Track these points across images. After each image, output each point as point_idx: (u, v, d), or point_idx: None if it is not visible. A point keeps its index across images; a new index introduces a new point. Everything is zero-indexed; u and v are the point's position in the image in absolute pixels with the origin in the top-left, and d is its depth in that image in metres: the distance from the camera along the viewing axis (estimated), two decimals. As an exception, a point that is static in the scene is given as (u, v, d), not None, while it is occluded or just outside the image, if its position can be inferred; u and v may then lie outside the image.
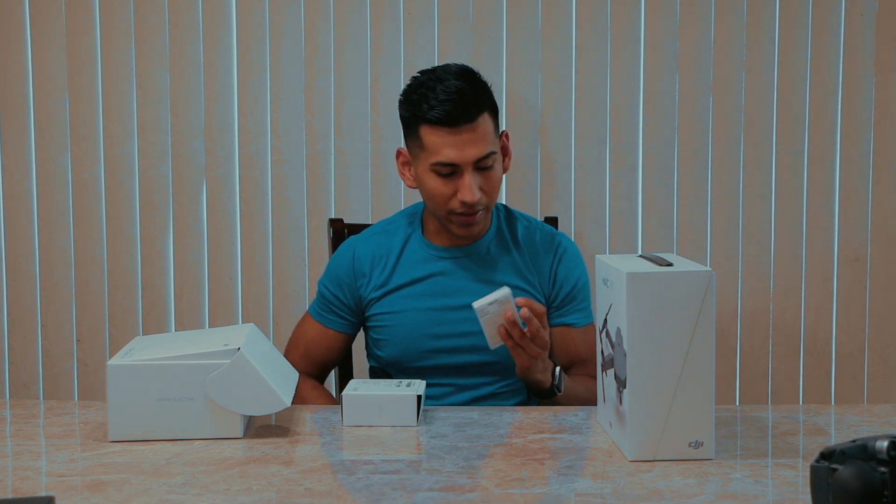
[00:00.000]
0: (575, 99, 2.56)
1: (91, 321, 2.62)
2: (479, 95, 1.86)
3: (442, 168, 1.86)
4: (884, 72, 2.55)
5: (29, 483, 1.37)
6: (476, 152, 1.85)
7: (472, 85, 1.86)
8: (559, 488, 1.34)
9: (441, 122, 1.83)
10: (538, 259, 2.00)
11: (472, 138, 1.84)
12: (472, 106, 1.84)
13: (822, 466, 1.08)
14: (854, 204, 2.58)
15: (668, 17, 2.54)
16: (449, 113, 1.82)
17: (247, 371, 1.55)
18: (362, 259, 2.01)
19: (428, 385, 1.95)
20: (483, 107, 1.86)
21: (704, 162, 2.57)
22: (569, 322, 1.99)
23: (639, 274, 1.42)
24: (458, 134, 1.84)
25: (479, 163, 1.85)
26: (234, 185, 2.59)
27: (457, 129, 1.83)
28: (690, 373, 1.42)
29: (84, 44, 2.57)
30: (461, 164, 1.85)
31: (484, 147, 1.85)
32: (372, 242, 2.02)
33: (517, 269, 1.98)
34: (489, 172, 1.88)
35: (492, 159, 1.87)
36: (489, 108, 1.88)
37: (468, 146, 1.84)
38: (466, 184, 1.85)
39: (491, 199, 1.90)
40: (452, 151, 1.84)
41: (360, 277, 2.00)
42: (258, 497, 1.31)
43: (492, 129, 1.88)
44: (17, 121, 2.60)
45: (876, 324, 2.60)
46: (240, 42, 2.56)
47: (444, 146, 1.84)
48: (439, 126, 1.84)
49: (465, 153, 1.84)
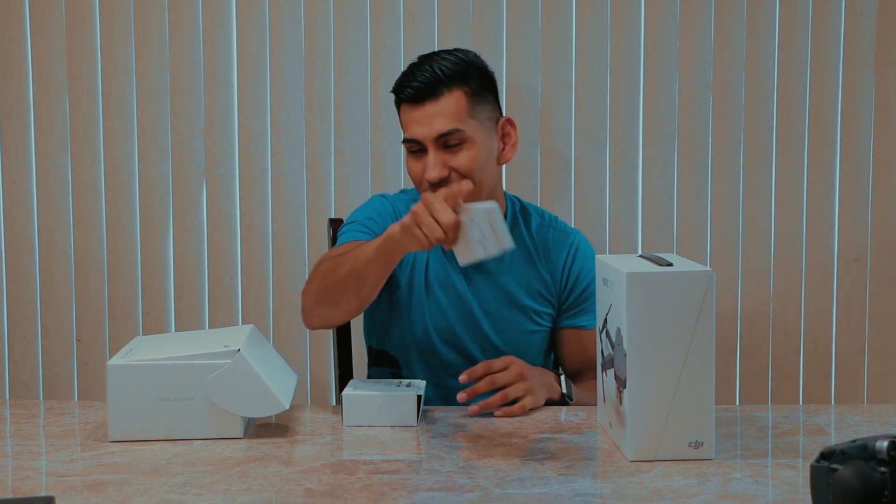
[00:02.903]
0: (575, 99, 2.56)
1: (91, 321, 2.62)
2: (452, 75, 1.86)
3: (411, 145, 1.88)
4: (884, 72, 2.55)
5: (29, 483, 1.37)
6: (436, 128, 1.84)
7: (449, 63, 1.87)
8: (559, 488, 1.34)
9: (408, 99, 1.87)
10: (551, 257, 1.98)
11: (434, 114, 1.85)
12: (437, 83, 1.85)
13: (822, 466, 1.08)
14: (854, 204, 2.58)
15: (668, 17, 2.54)
16: (413, 90, 1.85)
17: (246, 372, 1.55)
18: (398, 209, 1.97)
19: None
20: (453, 85, 1.86)
21: (704, 162, 2.57)
22: (580, 325, 1.98)
23: (639, 274, 1.42)
24: (421, 110, 1.85)
25: (443, 139, 1.85)
26: (234, 185, 2.59)
27: (420, 104, 1.86)
28: (690, 373, 1.42)
29: (84, 44, 2.57)
30: (423, 140, 1.85)
31: (445, 123, 1.84)
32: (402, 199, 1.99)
33: (533, 269, 1.97)
34: (461, 152, 1.85)
35: (458, 136, 1.85)
36: (465, 89, 1.86)
37: (429, 121, 1.85)
38: (427, 160, 1.85)
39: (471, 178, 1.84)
40: (416, 127, 1.86)
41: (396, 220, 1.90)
42: (258, 497, 1.31)
43: (463, 107, 1.85)
44: (17, 121, 2.60)
45: (876, 324, 2.60)
46: (240, 42, 2.56)
47: (410, 122, 1.87)
48: (408, 103, 1.87)
49: (425, 129, 1.85)
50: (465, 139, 1.86)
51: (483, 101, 1.90)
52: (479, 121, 1.88)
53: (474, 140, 1.87)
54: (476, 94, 1.88)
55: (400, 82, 1.89)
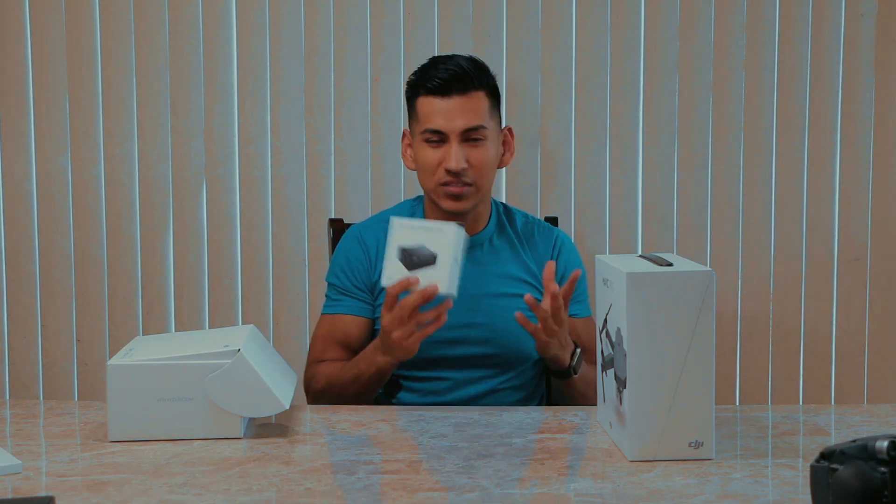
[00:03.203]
0: (575, 99, 2.56)
1: (91, 321, 2.62)
2: (477, 74, 1.92)
3: (432, 136, 1.91)
4: (884, 72, 2.55)
5: (29, 483, 1.37)
6: (464, 122, 1.90)
7: (471, 63, 1.93)
8: (559, 488, 1.34)
9: (435, 91, 1.90)
10: (538, 252, 2.03)
11: (461, 108, 1.90)
12: (466, 79, 1.90)
13: (822, 466, 1.08)
14: (854, 204, 2.58)
15: (668, 17, 2.54)
16: (443, 81, 1.90)
17: (246, 372, 1.55)
18: (369, 245, 2.01)
19: (427, 379, 1.96)
20: (479, 85, 1.92)
21: (704, 162, 2.57)
22: (571, 313, 1.98)
23: (639, 274, 1.42)
24: (448, 102, 1.90)
25: (467, 134, 1.90)
26: (234, 185, 2.59)
27: (448, 97, 1.90)
28: (690, 373, 1.42)
29: (84, 44, 2.57)
30: (448, 133, 1.90)
31: (473, 119, 1.90)
32: (378, 230, 2.01)
33: (520, 261, 2.01)
34: (479, 149, 1.91)
35: (482, 133, 1.91)
36: (487, 90, 1.93)
37: (457, 115, 1.90)
38: (452, 151, 1.89)
39: (480, 176, 1.93)
40: (441, 119, 1.90)
41: (370, 263, 1.99)
42: (258, 497, 1.31)
43: (486, 107, 1.93)
44: (17, 121, 2.60)
45: (876, 324, 2.60)
46: (240, 42, 2.57)
47: (434, 114, 1.91)
48: (433, 95, 1.91)
49: (453, 122, 1.89)
50: (486, 137, 1.92)
51: (496, 106, 1.98)
52: (495, 122, 1.96)
53: (491, 139, 1.94)
54: (493, 97, 1.96)
55: (423, 74, 1.93)
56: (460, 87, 1.90)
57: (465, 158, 1.90)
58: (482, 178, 1.93)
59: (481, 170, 1.92)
